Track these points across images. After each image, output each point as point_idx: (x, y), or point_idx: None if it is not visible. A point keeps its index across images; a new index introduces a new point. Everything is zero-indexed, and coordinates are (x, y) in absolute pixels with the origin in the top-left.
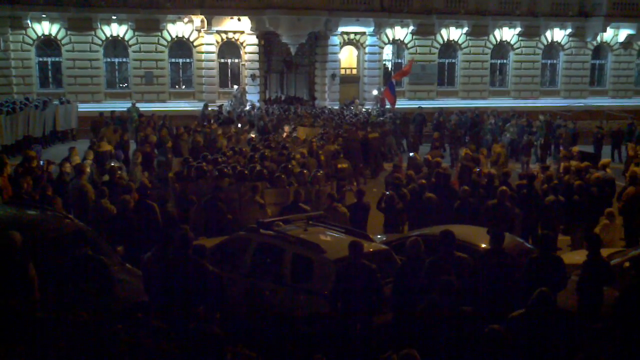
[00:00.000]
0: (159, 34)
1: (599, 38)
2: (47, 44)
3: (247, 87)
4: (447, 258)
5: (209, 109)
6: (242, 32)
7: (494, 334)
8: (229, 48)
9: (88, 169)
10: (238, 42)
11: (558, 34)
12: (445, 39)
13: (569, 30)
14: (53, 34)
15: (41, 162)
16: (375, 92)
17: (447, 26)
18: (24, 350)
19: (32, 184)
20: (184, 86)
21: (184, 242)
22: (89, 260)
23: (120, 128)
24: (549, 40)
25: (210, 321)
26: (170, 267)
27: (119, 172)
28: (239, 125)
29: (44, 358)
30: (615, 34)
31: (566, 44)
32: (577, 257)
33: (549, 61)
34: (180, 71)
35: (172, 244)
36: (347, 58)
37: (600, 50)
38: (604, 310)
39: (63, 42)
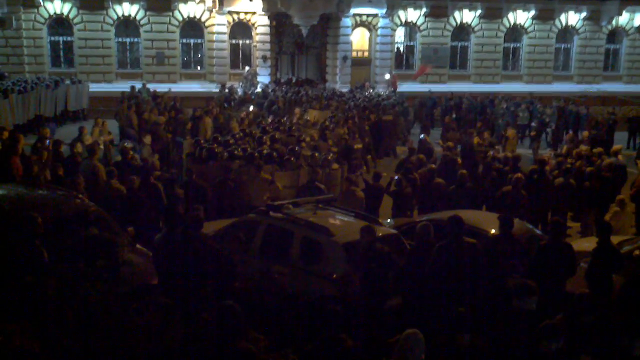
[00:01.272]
0: (171, 14)
1: (614, 22)
2: (59, 23)
3: (258, 69)
4: (456, 243)
5: (225, 90)
6: (254, 13)
7: (550, 328)
8: (241, 29)
9: (102, 146)
10: (249, 23)
11: (573, 18)
12: (458, 22)
13: (583, 14)
14: (65, 13)
15: (47, 142)
16: (387, 76)
17: (460, 9)
18: (35, 329)
19: (43, 164)
20: (197, 67)
21: (196, 222)
22: (95, 240)
23: (135, 105)
24: (564, 24)
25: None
26: (181, 248)
27: (131, 152)
28: (251, 107)
29: (54, 336)
30: (631, 18)
31: (581, 27)
32: (587, 244)
33: (562, 45)
34: (192, 52)
35: (183, 225)
36: (359, 40)
37: (615, 34)
38: (614, 298)
39: (75, 21)
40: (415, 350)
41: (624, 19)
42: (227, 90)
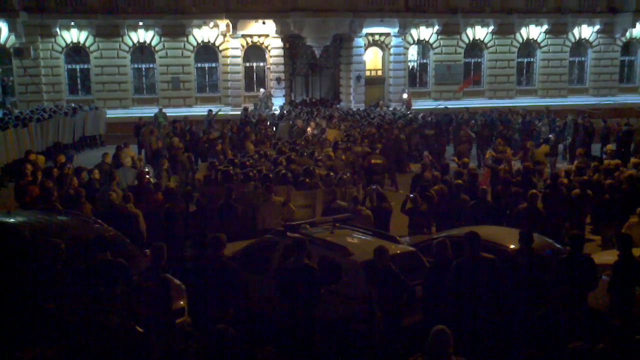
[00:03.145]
0: (185, 39)
1: (628, 34)
2: (76, 52)
3: (272, 91)
4: (474, 259)
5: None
6: (267, 36)
7: (579, 351)
8: (254, 52)
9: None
10: (263, 46)
11: (586, 31)
12: (471, 38)
13: (597, 27)
14: (81, 42)
15: (68, 166)
16: (405, 96)
17: (472, 25)
18: (58, 354)
19: (64, 189)
20: (213, 91)
21: (217, 245)
22: (108, 265)
23: (157, 129)
24: (577, 37)
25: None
26: (203, 270)
27: (147, 177)
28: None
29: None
30: None
31: (594, 40)
32: (608, 256)
33: (577, 58)
34: (206, 76)
35: (204, 248)
36: (372, 59)
37: (629, 46)
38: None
39: (91, 49)
40: (445, 344)
41: (638, 30)
42: (241, 113)
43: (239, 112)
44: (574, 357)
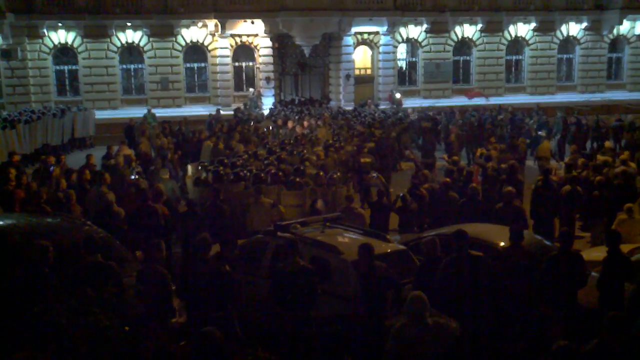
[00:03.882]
0: (174, 39)
1: (615, 31)
2: (64, 53)
3: (262, 90)
4: (462, 257)
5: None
6: (256, 35)
7: (565, 351)
8: (243, 51)
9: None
10: (252, 45)
11: (574, 28)
12: (460, 37)
13: (584, 24)
14: (69, 42)
15: (52, 169)
16: (398, 95)
17: (461, 23)
18: (47, 355)
19: (52, 191)
20: (202, 91)
21: (203, 246)
22: (98, 267)
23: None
24: (565, 35)
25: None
26: (190, 272)
27: (136, 177)
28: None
29: None
30: (632, 27)
31: (582, 37)
32: (597, 253)
33: (565, 56)
34: (196, 76)
35: (192, 249)
36: (361, 58)
37: (617, 43)
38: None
39: (79, 50)
40: (420, 307)
41: (625, 27)
42: (231, 113)
43: (229, 112)
44: (559, 357)
